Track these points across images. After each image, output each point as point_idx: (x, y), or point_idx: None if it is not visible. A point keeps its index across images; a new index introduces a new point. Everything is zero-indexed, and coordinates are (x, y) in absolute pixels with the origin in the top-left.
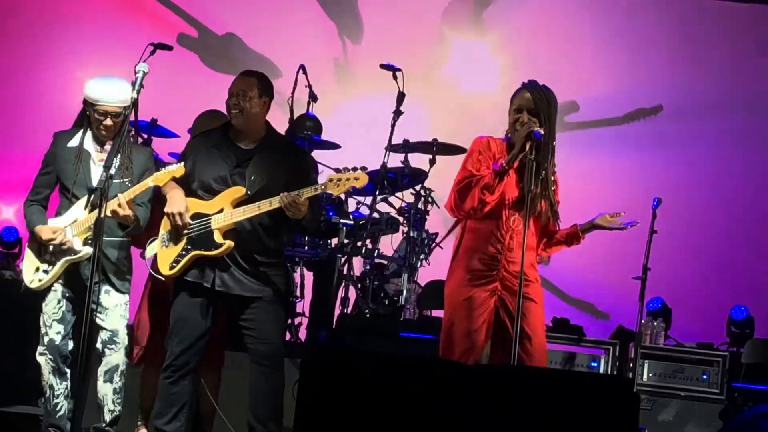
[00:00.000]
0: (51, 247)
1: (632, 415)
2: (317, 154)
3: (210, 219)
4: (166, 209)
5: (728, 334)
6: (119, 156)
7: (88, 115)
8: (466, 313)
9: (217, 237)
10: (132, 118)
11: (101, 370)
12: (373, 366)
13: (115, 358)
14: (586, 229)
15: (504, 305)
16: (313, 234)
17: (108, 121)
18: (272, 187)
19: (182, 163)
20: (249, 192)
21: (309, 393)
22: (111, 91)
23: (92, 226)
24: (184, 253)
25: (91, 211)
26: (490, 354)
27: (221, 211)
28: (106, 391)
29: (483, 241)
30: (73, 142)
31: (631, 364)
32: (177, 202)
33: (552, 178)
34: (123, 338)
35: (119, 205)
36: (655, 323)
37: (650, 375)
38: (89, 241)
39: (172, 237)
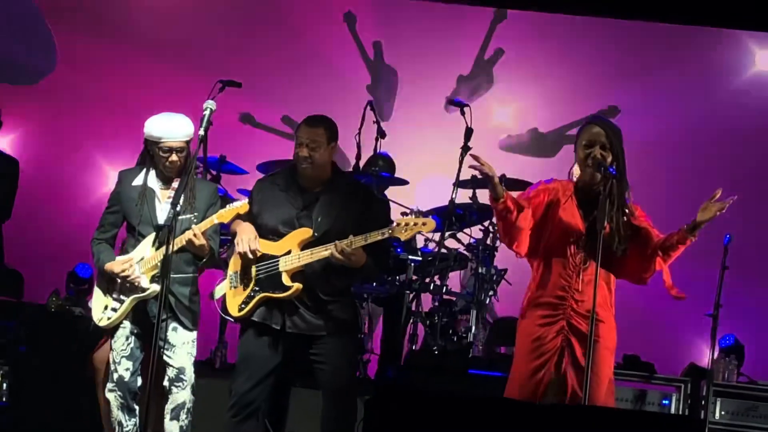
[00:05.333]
0: (119, 285)
1: None
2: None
3: (278, 261)
4: (236, 239)
5: None
6: (185, 192)
7: (151, 154)
8: (532, 354)
9: (285, 279)
10: (201, 154)
11: (168, 407)
12: (438, 407)
13: (182, 395)
14: (692, 229)
15: (570, 346)
16: (373, 279)
17: (173, 157)
18: (340, 228)
19: (246, 200)
20: (316, 234)
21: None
22: (173, 127)
23: (159, 264)
24: (252, 294)
25: (158, 248)
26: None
27: (289, 252)
28: (173, 428)
29: (550, 282)
30: (137, 181)
31: (703, 402)
32: (247, 230)
33: (626, 210)
34: (190, 376)
35: (195, 235)
36: (728, 360)
37: (723, 413)
38: (157, 279)
39: (240, 278)
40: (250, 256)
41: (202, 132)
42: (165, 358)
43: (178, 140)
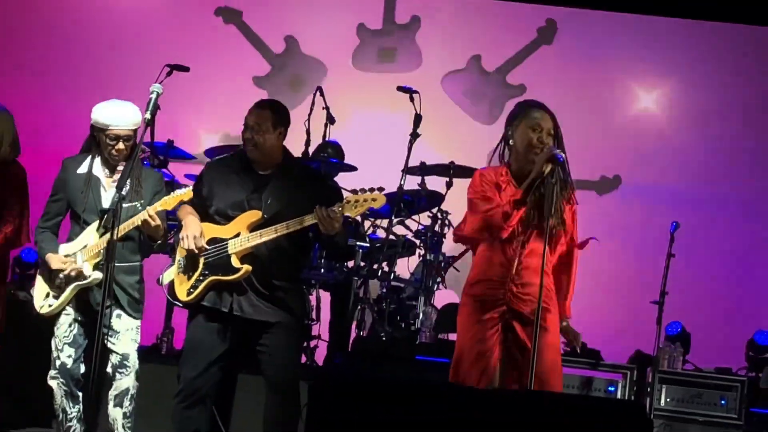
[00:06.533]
0: (61, 275)
1: None
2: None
3: (227, 243)
4: (180, 234)
5: (747, 358)
6: (130, 179)
7: (97, 140)
8: (476, 338)
9: (235, 261)
10: (147, 139)
11: (111, 394)
12: (382, 391)
13: (125, 382)
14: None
15: (512, 329)
16: (341, 251)
17: (120, 145)
18: (289, 211)
19: (189, 188)
20: (265, 215)
21: (317, 418)
22: (121, 115)
23: (103, 251)
24: (201, 278)
25: (102, 234)
26: (499, 380)
27: (238, 235)
28: (116, 415)
29: (492, 267)
30: (82, 169)
31: (648, 389)
32: (191, 226)
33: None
34: (134, 362)
35: (150, 216)
36: (673, 347)
37: (668, 400)
38: (100, 266)
39: (188, 262)
40: (196, 252)
41: (148, 116)
42: (108, 344)
43: (125, 128)
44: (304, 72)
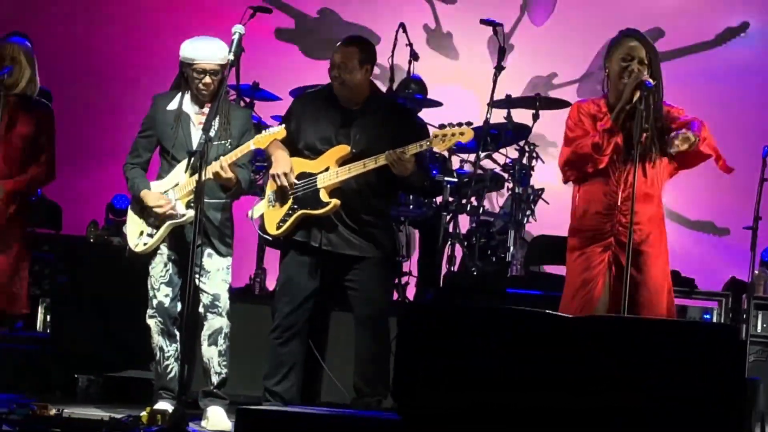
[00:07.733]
0: (155, 211)
1: (739, 363)
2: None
3: (316, 178)
4: (271, 170)
5: None
6: (218, 118)
7: (186, 77)
8: (580, 269)
9: (323, 196)
10: (233, 81)
11: (205, 333)
12: (469, 320)
13: (217, 321)
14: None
15: (617, 262)
16: (418, 192)
17: (207, 79)
18: (377, 146)
19: (283, 126)
20: (354, 150)
21: (406, 349)
22: (208, 49)
23: (194, 189)
24: (290, 212)
25: (191, 174)
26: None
27: (327, 170)
28: (212, 354)
29: (595, 199)
30: (172, 105)
31: (744, 316)
32: (281, 162)
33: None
34: (225, 302)
35: (221, 168)
36: None
37: (764, 326)
38: (192, 205)
39: (278, 197)
40: (286, 187)
41: (231, 57)
42: (200, 284)
43: (212, 62)
44: None
